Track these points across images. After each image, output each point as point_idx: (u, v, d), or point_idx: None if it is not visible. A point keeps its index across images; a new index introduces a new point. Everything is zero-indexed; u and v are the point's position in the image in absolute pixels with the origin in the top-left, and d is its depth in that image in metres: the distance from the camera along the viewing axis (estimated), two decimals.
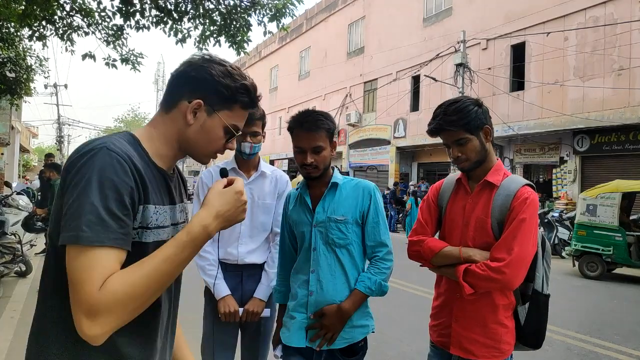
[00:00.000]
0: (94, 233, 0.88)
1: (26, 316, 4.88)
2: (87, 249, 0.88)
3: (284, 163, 28.74)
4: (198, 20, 6.70)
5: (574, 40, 13.15)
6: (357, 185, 1.96)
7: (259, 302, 2.27)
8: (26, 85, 10.31)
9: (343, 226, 1.89)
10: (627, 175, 10.76)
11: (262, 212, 2.33)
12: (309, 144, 1.86)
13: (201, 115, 1.09)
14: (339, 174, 2.01)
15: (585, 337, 4.79)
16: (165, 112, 1.11)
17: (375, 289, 1.85)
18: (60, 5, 6.73)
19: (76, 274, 0.88)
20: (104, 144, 0.97)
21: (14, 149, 19.67)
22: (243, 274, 2.31)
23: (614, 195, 8.13)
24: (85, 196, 0.90)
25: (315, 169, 1.88)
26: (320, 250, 1.91)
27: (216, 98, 1.09)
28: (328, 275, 1.88)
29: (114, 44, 7.23)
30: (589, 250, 8.32)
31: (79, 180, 0.92)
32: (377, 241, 1.91)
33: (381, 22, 20.76)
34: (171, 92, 1.11)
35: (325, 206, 1.92)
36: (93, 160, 0.93)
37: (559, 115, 13.29)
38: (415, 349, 4.27)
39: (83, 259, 0.88)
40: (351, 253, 1.90)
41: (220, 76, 1.08)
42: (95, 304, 0.86)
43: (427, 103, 18.09)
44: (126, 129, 37.06)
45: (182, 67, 1.11)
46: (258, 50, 32.85)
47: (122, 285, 0.88)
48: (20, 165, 25.70)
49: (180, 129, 1.10)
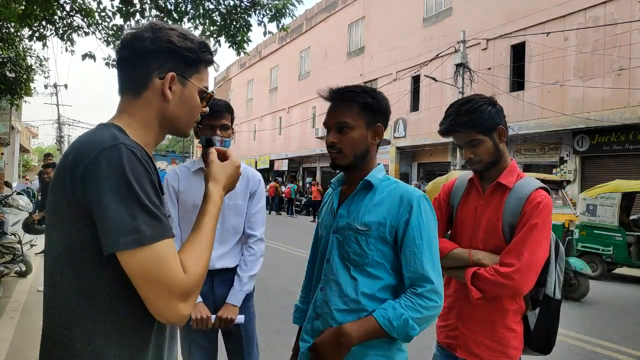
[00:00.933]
0: (154, 230, 0.90)
1: (26, 316, 4.88)
2: (152, 247, 0.89)
3: (284, 163, 28.73)
4: (198, 20, 6.70)
5: (574, 40, 13.15)
6: (395, 190, 1.45)
7: (232, 307, 2.13)
8: (26, 85, 10.31)
9: (363, 239, 1.42)
10: (627, 175, 10.76)
11: (233, 214, 2.19)
12: (333, 118, 1.47)
13: (176, 87, 1.04)
14: (381, 173, 1.52)
15: (585, 337, 4.79)
16: (134, 97, 1.04)
17: (397, 326, 1.31)
18: (60, 5, 6.73)
19: (153, 271, 0.89)
20: (116, 140, 0.92)
21: (14, 149, 19.66)
22: (214, 279, 2.17)
23: (614, 195, 8.13)
24: (130, 198, 0.88)
25: (339, 153, 1.46)
26: (333, 264, 1.48)
27: (184, 65, 1.05)
28: (336, 298, 1.44)
29: (114, 44, 7.23)
30: (589, 250, 8.32)
31: (114, 185, 0.88)
32: (417, 273, 1.36)
33: (381, 22, 20.77)
34: (135, 76, 1.03)
35: (351, 209, 1.49)
36: (118, 159, 0.89)
37: (559, 115, 13.29)
38: (416, 348, 4.27)
39: (152, 257, 0.89)
40: (371, 278, 1.41)
41: (180, 41, 1.03)
42: (188, 287, 0.92)
43: (427, 103, 18.10)
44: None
45: (134, 44, 1.02)
46: (258, 50, 32.85)
47: (197, 264, 0.96)
48: (20, 165, 25.69)
49: (159, 108, 1.04)
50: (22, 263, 6.43)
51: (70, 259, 0.94)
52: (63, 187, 0.93)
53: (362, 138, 1.46)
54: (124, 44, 1.04)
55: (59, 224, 0.96)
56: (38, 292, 6.09)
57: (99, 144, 0.92)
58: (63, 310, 0.95)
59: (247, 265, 2.20)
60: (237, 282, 2.18)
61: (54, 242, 0.97)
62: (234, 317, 2.13)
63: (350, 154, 1.46)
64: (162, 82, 1.02)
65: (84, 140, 0.97)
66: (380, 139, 1.50)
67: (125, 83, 1.05)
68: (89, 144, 0.94)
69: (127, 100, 1.05)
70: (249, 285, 2.20)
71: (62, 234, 0.95)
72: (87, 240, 0.92)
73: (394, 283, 1.43)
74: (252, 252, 2.23)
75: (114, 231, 0.87)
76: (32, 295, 5.78)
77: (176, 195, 2.18)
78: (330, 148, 1.48)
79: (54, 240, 0.97)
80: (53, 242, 0.97)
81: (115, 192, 0.88)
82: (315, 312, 1.50)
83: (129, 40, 1.04)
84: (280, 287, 6.66)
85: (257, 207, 2.27)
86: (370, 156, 1.51)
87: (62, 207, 0.94)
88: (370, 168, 1.51)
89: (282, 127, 29.15)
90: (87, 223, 0.91)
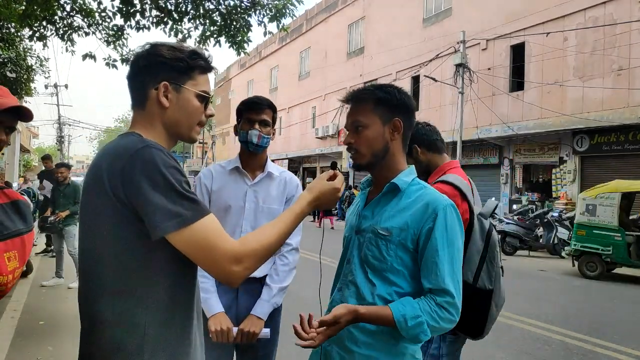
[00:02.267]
0: (193, 211, 1.02)
1: (26, 316, 4.88)
2: (195, 225, 1.01)
3: (284, 163, 28.73)
4: (198, 20, 6.71)
5: (574, 40, 13.16)
6: (422, 197, 1.39)
7: (257, 320, 1.90)
8: (26, 85, 10.34)
9: (383, 244, 1.38)
10: (626, 175, 10.77)
11: (266, 218, 1.99)
12: (348, 119, 1.46)
13: (172, 94, 1.14)
14: (411, 175, 1.46)
15: (585, 337, 4.80)
16: (141, 110, 1.17)
17: (411, 326, 1.28)
18: (60, 5, 6.74)
19: (201, 243, 1.02)
20: (145, 143, 1.04)
21: (14, 149, 19.67)
22: (239, 289, 1.97)
23: (614, 195, 8.14)
24: (168, 188, 1.00)
25: (357, 153, 1.43)
26: (353, 265, 1.46)
27: (176, 73, 1.14)
28: (354, 300, 1.41)
29: (114, 44, 7.24)
30: (589, 250, 8.33)
31: (151, 179, 1.00)
32: (437, 285, 1.31)
33: (381, 22, 20.78)
34: (136, 90, 1.16)
35: (375, 211, 1.45)
36: (151, 157, 1.01)
37: (559, 115, 13.30)
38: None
39: (198, 232, 1.01)
40: (388, 284, 1.38)
41: (169, 53, 1.14)
42: (240, 252, 1.04)
43: (427, 103, 18.11)
44: (126, 129, 36.90)
45: (133, 64, 1.17)
46: (258, 51, 32.86)
47: (255, 239, 1.09)
48: (21, 166, 25.69)
49: (160, 116, 1.15)
50: None
51: (113, 252, 1.04)
52: (103, 189, 1.03)
53: (378, 135, 1.41)
54: (129, 65, 1.19)
55: (98, 222, 1.06)
56: (41, 287, 6.11)
57: (131, 148, 1.03)
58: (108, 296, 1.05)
59: (279, 276, 1.99)
60: (265, 293, 1.96)
61: (95, 239, 1.07)
62: (258, 330, 1.90)
63: (368, 152, 1.42)
64: (157, 91, 1.13)
65: (114, 146, 1.08)
66: (400, 134, 1.43)
67: (132, 99, 1.19)
68: (120, 148, 1.05)
69: (136, 113, 1.18)
70: (278, 298, 1.98)
71: (102, 230, 1.05)
72: (130, 232, 1.03)
73: (411, 291, 1.38)
74: (285, 261, 2.03)
75: (159, 218, 0.99)
76: (32, 295, 5.78)
77: (209, 194, 2.04)
78: (349, 149, 1.46)
79: (94, 236, 1.07)
80: (93, 239, 1.08)
81: (153, 185, 1.00)
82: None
83: (130, 61, 1.19)
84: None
85: None
86: (393, 153, 1.44)
87: (102, 207, 1.04)
88: (396, 167, 1.46)
89: (282, 127, 29.16)
90: (128, 217, 1.02)
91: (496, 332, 4.91)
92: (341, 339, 1.40)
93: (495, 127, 15.03)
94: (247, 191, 2.04)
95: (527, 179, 15.45)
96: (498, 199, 15.20)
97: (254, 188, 2.04)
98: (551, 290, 7.22)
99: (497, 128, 14.95)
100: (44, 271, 7.07)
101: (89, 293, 1.09)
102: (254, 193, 2.03)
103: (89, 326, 1.08)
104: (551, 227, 10.84)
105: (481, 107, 15.37)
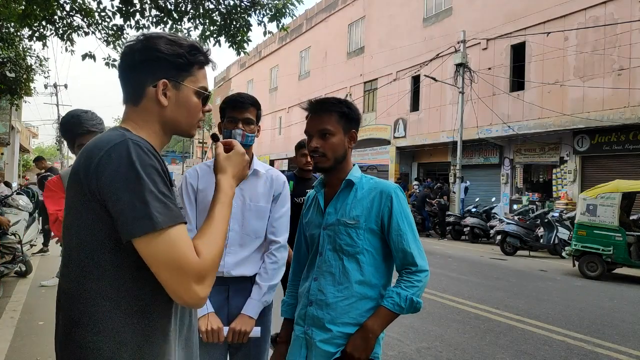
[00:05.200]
0: (165, 216, 0.95)
1: (26, 316, 4.88)
2: (164, 231, 0.94)
3: (284, 163, 28.73)
4: (198, 20, 6.70)
5: (574, 40, 13.15)
6: (375, 186, 1.69)
7: (248, 319, 1.92)
8: (26, 85, 10.32)
9: (353, 231, 1.64)
10: (627, 175, 10.76)
11: (254, 216, 2.01)
12: (315, 126, 1.67)
13: (170, 92, 1.10)
14: (358, 172, 1.75)
15: (585, 337, 4.79)
16: (134, 106, 1.11)
17: (406, 306, 1.57)
18: (60, 5, 6.73)
19: (168, 255, 0.94)
20: (124, 137, 0.99)
21: (14, 149, 19.67)
22: (230, 288, 1.97)
23: (614, 195, 8.13)
24: (140, 187, 0.94)
25: (323, 157, 1.65)
26: (326, 257, 1.68)
27: (175, 70, 1.10)
28: (331, 287, 1.65)
29: (114, 44, 7.24)
30: (589, 250, 8.32)
31: (124, 176, 0.95)
32: (405, 252, 1.61)
33: (381, 22, 20.76)
34: (131, 85, 1.10)
35: (337, 207, 1.69)
36: (127, 153, 0.96)
37: (559, 115, 13.29)
38: (415, 348, 4.27)
39: (165, 241, 0.94)
40: (361, 264, 1.63)
41: (168, 48, 1.08)
42: (203, 269, 0.97)
43: (427, 103, 18.10)
44: None
45: (127, 57, 1.10)
46: (258, 50, 32.85)
47: (210, 246, 1.01)
48: (20, 165, 25.69)
49: (158, 114, 1.11)
50: (22, 263, 6.43)
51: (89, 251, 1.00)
52: (78, 183, 0.99)
53: (341, 143, 1.68)
54: (120, 57, 1.13)
55: (76, 220, 1.01)
56: (40, 287, 6.10)
57: (108, 142, 0.99)
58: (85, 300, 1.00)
59: (268, 274, 2.00)
60: (255, 292, 1.97)
61: (73, 237, 1.03)
62: (249, 329, 1.92)
63: (332, 157, 1.66)
64: (156, 89, 1.08)
65: (95, 140, 1.04)
66: (354, 143, 1.73)
67: (125, 94, 1.13)
68: (99, 142, 1.01)
69: (129, 109, 1.13)
70: (268, 296, 2.00)
71: (79, 228, 1.01)
72: (104, 231, 0.98)
73: (381, 267, 1.67)
74: (274, 259, 2.04)
75: (129, 219, 0.94)
76: (32, 295, 5.78)
77: (195, 193, 2.02)
78: (314, 153, 1.66)
79: (72, 235, 1.03)
80: (72, 238, 1.03)
81: (125, 183, 0.94)
82: (309, 299, 1.69)
83: (123, 53, 1.11)
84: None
85: (280, 211, 2.09)
86: (347, 158, 1.73)
87: (77, 202, 1.00)
88: (347, 169, 1.73)
89: (282, 127, 29.15)
90: (102, 214, 0.97)
91: (496, 332, 4.90)
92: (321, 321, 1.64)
93: (495, 127, 15.03)
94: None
95: (527, 179, 15.44)
96: (498, 199, 15.20)
97: (240, 186, 2.01)
98: (552, 291, 7.21)
99: (498, 128, 14.94)
100: (43, 271, 7.06)
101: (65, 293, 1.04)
102: (241, 191, 2.01)
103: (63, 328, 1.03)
104: (552, 227, 10.83)
105: (481, 107, 15.36)
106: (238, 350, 2.02)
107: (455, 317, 5.41)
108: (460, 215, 14.46)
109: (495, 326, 5.13)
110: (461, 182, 15.52)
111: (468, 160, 16.51)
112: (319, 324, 1.64)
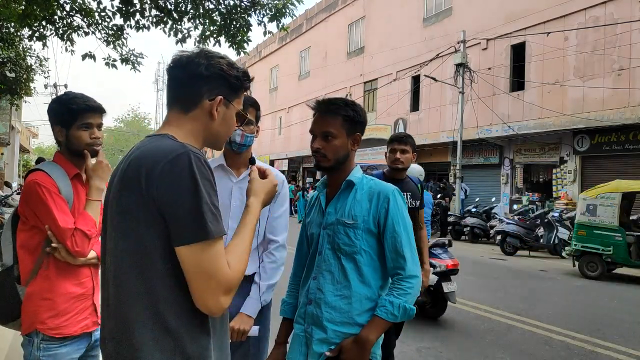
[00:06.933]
0: (216, 227, 1.03)
1: None
2: (213, 241, 1.02)
3: (284, 163, 28.73)
4: (198, 20, 6.69)
5: (574, 40, 13.15)
6: (373, 188, 1.72)
7: (246, 318, 1.95)
8: (26, 85, 10.33)
9: (351, 231, 1.67)
10: (627, 175, 10.76)
11: None
12: (319, 127, 1.70)
13: (221, 108, 1.19)
14: (359, 173, 1.78)
15: (585, 337, 4.79)
16: (185, 113, 1.18)
17: (399, 314, 1.58)
18: (60, 5, 6.72)
19: (209, 263, 1.02)
20: (186, 148, 1.06)
21: (14, 149, 19.69)
22: None
23: (614, 195, 8.13)
24: (199, 197, 1.02)
25: (324, 157, 1.69)
26: (325, 256, 1.71)
27: (230, 90, 1.20)
28: (329, 285, 1.68)
29: (114, 44, 7.22)
30: (589, 250, 8.31)
31: (186, 186, 1.02)
32: (396, 253, 1.64)
33: (381, 22, 20.76)
34: (188, 95, 1.17)
35: (337, 207, 1.73)
36: (189, 164, 1.03)
37: (559, 115, 13.29)
38: (415, 348, 4.27)
39: (212, 250, 1.02)
40: (358, 264, 1.67)
41: (229, 70, 1.18)
42: (232, 282, 1.05)
43: (427, 103, 18.10)
44: (126, 129, 37.16)
45: (189, 68, 1.16)
46: (258, 50, 32.86)
47: (239, 263, 1.09)
48: (20, 165, 25.68)
49: (205, 125, 1.19)
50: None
51: (147, 253, 1.05)
52: (137, 189, 1.04)
53: (344, 145, 1.70)
54: (177, 65, 1.18)
55: (127, 225, 1.06)
56: None
57: (171, 151, 1.05)
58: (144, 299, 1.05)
59: (267, 273, 2.02)
60: (254, 291, 2.00)
61: (119, 242, 1.08)
62: (248, 328, 1.95)
63: (333, 158, 1.69)
64: (212, 103, 1.17)
65: (153, 148, 1.09)
66: (358, 145, 1.75)
67: (176, 99, 1.19)
68: (159, 151, 1.07)
69: (176, 114, 1.19)
70: (266, 295, 2.02)
71: (130, 232, 1.06)
72: (157, 235, 1.04)
73: (379, 268, 1.70)
74: (272, 259, 2.06)
75: (185, 226, 1.01)
76: None
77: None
78: (316, 153, 1.71)
79: (119, 239, 1.08)
80: (118, 242, 1.08)
81: (186, 192, 1.02)
82: (308, 298, 1.72)
83: (184, 62, 1.17)
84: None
85: (279, 210, 2.10)
86: (350, 160, 1.76)
87: (133, 205, 1.05)
88: (349, 170, 1.75)
89: (282, 127, 29.15)
90: (157, 220, 1.03)
91: (496, 332, 4.91)
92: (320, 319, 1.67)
93: (495, 127, 15.02)
94: (233, 188, 2.04)
95: (527, 179, 15.44)
96: (498, 199, 15.20)
97: (239, 185, 2.04)
98: (552, 291, 7.21)
99: (498, 128, 14.94)
100: None
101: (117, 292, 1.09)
102: (240, 190, 2.01)
103: (116, 325, 1.08)
104: (552, 227, 10.82)
105: (481, 107, 15.36)
106: (237, 349, 2.02)
107: (455, 317, 5.41)
108: (461, 215, 14.46)
109: (495, 326, 5.13)
110: (461, 182, 15.54)
111: (468, 160, 16.51)
112: (317, 322, 1.67)
